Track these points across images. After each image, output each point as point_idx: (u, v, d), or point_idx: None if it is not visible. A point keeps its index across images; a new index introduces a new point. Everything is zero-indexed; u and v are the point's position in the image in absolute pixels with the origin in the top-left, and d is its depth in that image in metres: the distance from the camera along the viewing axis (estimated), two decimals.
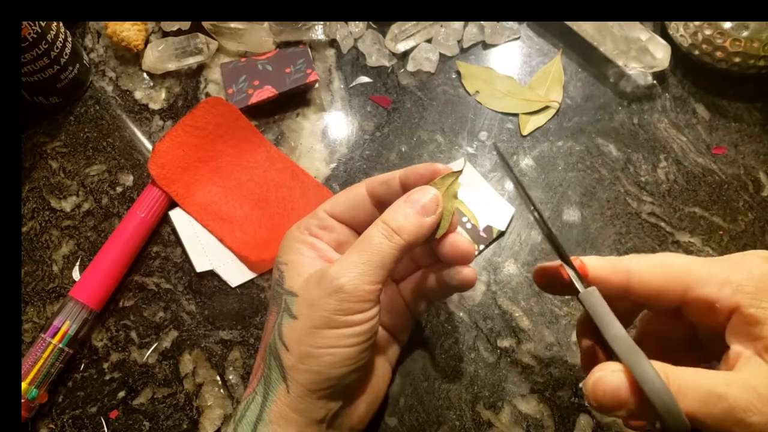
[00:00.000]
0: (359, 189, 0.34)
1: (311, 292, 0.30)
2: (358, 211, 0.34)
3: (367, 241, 0.30)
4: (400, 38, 0.48)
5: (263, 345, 0.32)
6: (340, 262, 0.30)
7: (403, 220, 0.30)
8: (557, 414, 0.37)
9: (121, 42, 0.47)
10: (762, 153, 0.46)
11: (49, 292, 0.41)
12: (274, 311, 0.32)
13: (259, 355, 0.33)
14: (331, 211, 0.34)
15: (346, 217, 0.34)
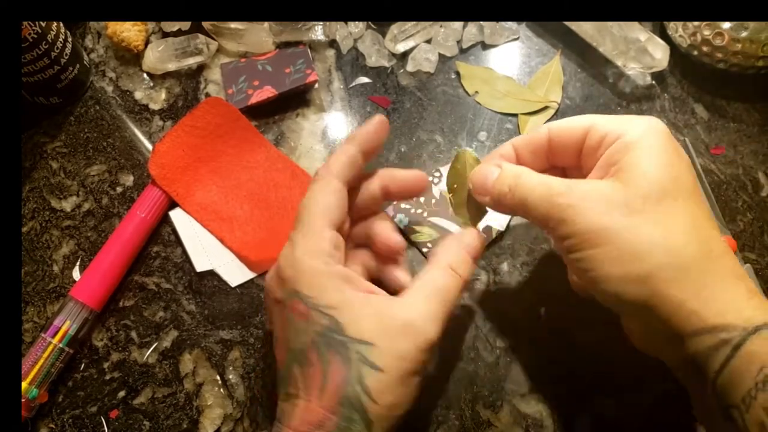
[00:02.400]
0: (339, 186, 0.33)
1: (398, 343, 0.29)
2: (345, 212, 0.34)
3: (444, 292, 0.31)
4: (399, 39, 0.48)
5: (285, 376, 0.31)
6: (420, 311, 0.30)
7: (465, 267, 0.33)
8: (557, 414, 0.38)
9: (121, 42, 0.47)
10: (761, 153, 0.46)
11: (49, 292, 0.41)
12: (336, 361, 0.29)
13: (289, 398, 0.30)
14: (334, 223, 0.32)
15: (340, 222, 0.33)
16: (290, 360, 0.30)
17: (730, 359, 0.25)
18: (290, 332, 0.30)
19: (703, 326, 0.26)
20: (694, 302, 0.26)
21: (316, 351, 0.29)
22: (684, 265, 0.27)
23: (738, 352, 0.25)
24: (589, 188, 0.29)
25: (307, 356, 0.30)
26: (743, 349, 0.25)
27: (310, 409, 0.29)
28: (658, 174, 0.28)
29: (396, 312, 0.30)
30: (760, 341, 0.25)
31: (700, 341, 0.26)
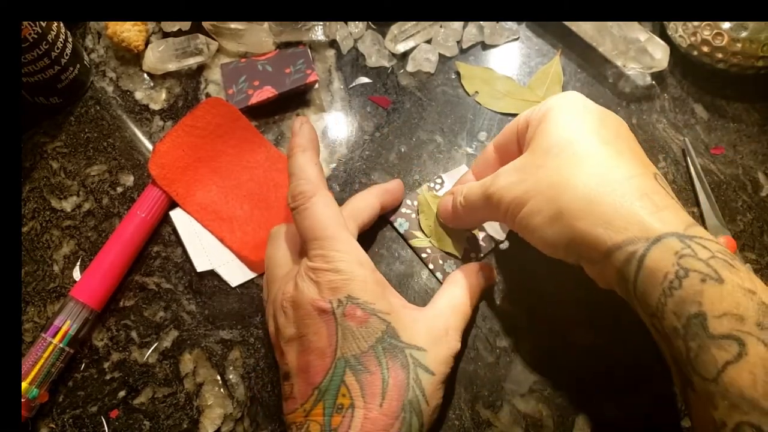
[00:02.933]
0: (375, 202, 0.39)
1: (440, 349, 0.32)
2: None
3: (466, 310, 0.36)
4: (399, 39, 0.48)
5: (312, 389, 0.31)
6: (449, 322, 0.34)
7: (479, 291, 0.38)
8: (556, 413, 0.38)
9: (121, 42, 0.47)
10: (760, 153, 0.46)
11: (49, 292, 0.41)
12: (395, 367, 0.30)
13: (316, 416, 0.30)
14: (342, 223, 0.34)
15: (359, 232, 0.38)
16: (341, 367, 0.30)
17: (639, 270, 0.27)
18: (342, 339, 0.30)
19: (612, 244, 0.28)
20: (601, 227, 0.28)
21: (374, 357, 0.30)
22: (587, 197, 0.28)
23: (644, 263, 0.26)
24: (505, 168, 0.33)
25: (362, 363, 0.30)
26: (647, 259, 0.26)
27: (371, 418, 0.29)
28: (557, 129, 0.31)
29: (436, 322, 0.33)
30: (660, 250, 0.26)
31: (615, 260, 0.28)
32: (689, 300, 0.25)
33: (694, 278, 0.25)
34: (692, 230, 0.27)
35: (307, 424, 0.30)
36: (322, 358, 0.31)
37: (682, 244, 0.26)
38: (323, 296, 0.31)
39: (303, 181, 0.34)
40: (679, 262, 0.26)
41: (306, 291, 0.31)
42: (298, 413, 0.31)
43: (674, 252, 0.26)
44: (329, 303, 0.31)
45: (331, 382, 0.30)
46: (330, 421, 0.29)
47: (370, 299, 0.31)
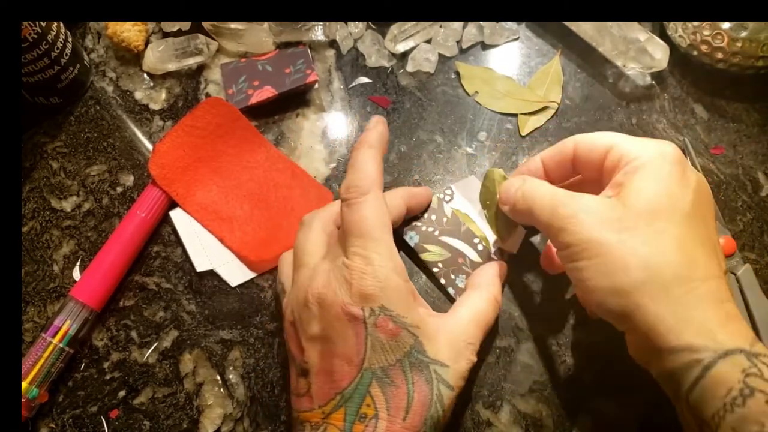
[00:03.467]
0: (402, 205, 0.39)
1: (461, 364, 0.32)
2: None
3: (487, 320, 0.35)
4: (399, 39, 0.48)
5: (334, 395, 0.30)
6: (470, 335, 0.33)
7: (499, 296, 0.37)
8: (556, 413, 0.38)
9: (121, 42, 0.47)
10: (760, 153, 0.46)
11: (49, 292, 0.41)
12: (420, 382, 0.30)
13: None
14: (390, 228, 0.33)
15: None
16: (367, 378, 0.30)
17: (700, 379, 0.27)
18: (370, 350, 0.30)
19: (677, 344, 0.28)
20: (671, 319, 0.28)
21: (401, 371, 0.30)
22: (665, 284, 0.28)
23: (708, 373, 0.27)
24: (589, 202, 0.31)
25: (390, 376, 0.30)
26: (713, 370, 0.27)
27: (394, 430, 0.29)
28: (654, 196, 0.30)
29: (459, 335, 0.33)
30: (728, 364, 0.26)
31: (675, 358, 0.28)
32: (752, 419, 0.25)
33: (760, 398, 0.26)
34: (757, 347, 0.27)
35: (324, 426, 0.30)
36: (348, 364, 0.30)
37: (749, 362, 0.27)
38: (355, 301, 0.30)
39: (361, 175, 0.33)
40: (745, 380, 0.26)
41: (338, 292, 0.31)
42: (315, 413, 0.31)
43: (741, 369, 0.26)
44: (361, 311, 0.30)
45: (356, 391, 0.30)
46: (351, 429, 0.30)
47: (402, 312, 0.31)
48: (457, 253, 0.41)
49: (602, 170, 0.34)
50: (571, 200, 0.32)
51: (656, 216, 0.30)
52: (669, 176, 0.31)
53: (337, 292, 0.31)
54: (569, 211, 0.31)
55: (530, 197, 0.34)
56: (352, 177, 0.33)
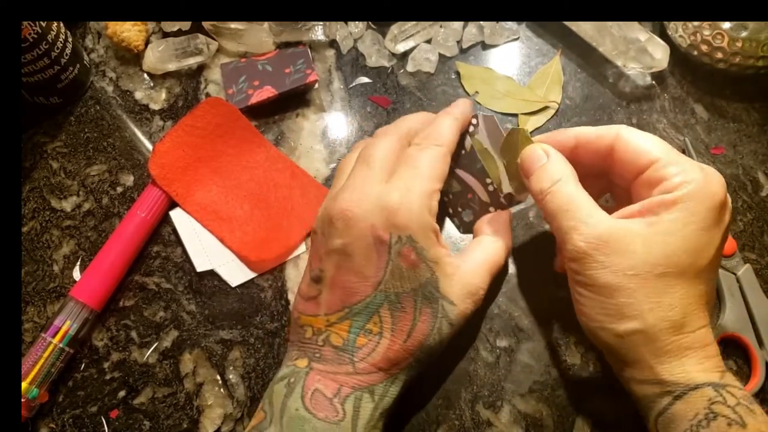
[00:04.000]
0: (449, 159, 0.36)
1: (467, 304, 0.34)
2: None
3: (497, 266, 0.36)
4: (399, 39, 0.48)
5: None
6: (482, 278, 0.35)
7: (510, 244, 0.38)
8: (556, 413, 0.38)
9: (121, 42, 0.47)
10: (760, 153, 0.46)
11: (49, 292, 0.41)
12: (426, 313, 0.32)
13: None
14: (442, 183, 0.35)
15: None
16: (380, 299, 0.32)
17: (670, 406, 0.30)
18: (389, 275, 0.32)
19: (653, 378, 0.31)
20: (651, 360, 0.30)
21: (413, 300, 0.32)
22: (654, 335, 0.30)
23: (677, 401, 0.30)
24: (610, 237, 0.31)
25: (401, 302, 0.32)
26: (682, 400, 0.30)
27: (393, 349, 0.32)
28: (675, 250, 0.30)
29: (472, 279, 0.34)
30: (697, 395, 0.29)
31: (649, 387, 0.31)
32: None
33: (722, 422, 0.28)
34: (725, 379, 0.30)
35: (328, 333, 0.33)
36: (363, 283, 0.32)
37: (716, 392, 0.29)
38: (386, 226, 0.32)
39: (440, 132, 0.36)
40: (710, 407, 0.29)
41: (369, 214, 0.32)
42: (319, 319, 0.33)
43: (708, 398, 0.29)
44: (389, 236, 0.32)
45: (367, 308, 0.32)
46: (355, 340, 0.32)
47: (426, 245, 0.32)
48: (467, 188, 0.40)
49: (637, 177, 0.33)
50: (592, 229, 0.31)
51: (669, 270, 0.30)
52: (701, 225, 0.30)
53: (367, 213, 0.32)
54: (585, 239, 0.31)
55: (552, 202, 0.33)
56: (432, 130, 0.36)
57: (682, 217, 0.30)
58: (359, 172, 0.34)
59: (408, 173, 0.33)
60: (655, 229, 0.30)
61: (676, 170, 0.31)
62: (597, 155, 0.35)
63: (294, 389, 0.31)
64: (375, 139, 0.37)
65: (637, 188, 0.33)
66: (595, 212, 0.32)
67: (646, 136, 0.33)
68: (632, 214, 0.32)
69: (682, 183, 0.31)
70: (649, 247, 0.30)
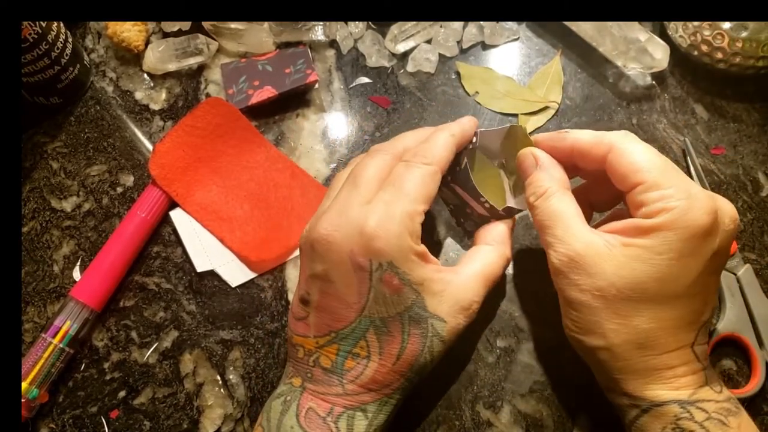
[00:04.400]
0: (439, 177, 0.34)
1: (459, 319, 0.33)
2: None
3: (493, 277, 0.35)
4: (399, 39, 0.48)
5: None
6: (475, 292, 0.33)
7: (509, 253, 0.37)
8: (556, 414, 0.38)
9: (121, 42, 0.47)
10: (761, 153, 0.46)
11: (49, 292, 0.41)
12: (416, 335, 0.32)
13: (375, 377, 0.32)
14: (427, 204, 0.33)
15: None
16: (365, 324, 0.32)
17: (638, 418, 0.31)
18: (372, 301, 0.31)
19: (622, 392, 0.32)
20: (618, 377, 0.32)
21: (400, 324, 0.32)
22: (620, 356, 0.31)
23: (645, 414, 0.31)
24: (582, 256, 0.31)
25: (388, 326, 0.32)
26: (649, 413, 0.31)
27: (382, 372, 0.32)
28: (647, 279, 0.30)
29: (463, 293, 0.33)
30: (662, 411, 0.30)
31: (618, 398, 0.32)
32: None
33: None
34: (697, 395, 0.30)
35: (317, 354, 0.32)
36: (347, 309, 0.32)
37: (681, 409, 0.30)
38: (364, 252, 0.31)
39: (432, 151, 0.34)
40: (677, 422, 0.30)
41: (348, 240, 0.31)
42: (309, 341, 0.33)
43: (673, 415, 0.30)
44: (369, 263, 0.31)
45: (353, 333, 0.32)
46: (343, 363, 0.32)
47: (408, 269, 0.31)
48: (464, 203, 0.39)
49: (628, 192, 0.32)
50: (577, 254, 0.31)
51: (636, 295, 0.30)
52: (673, 255, 0.30)
53: (346, 238, 0.31)
54: (569, 257, 0.31)
55: (541, 215, 0.33)
56: (424, 147, 0.34)
57: (654, 245, 0.30)
58: (344, 192, 0.33)
59: (390, 194, 0.32)
60: (627, 252, 0.30)
61: (658, 196, 0.30)
62: (594, 163, 0.34)
63: (290, 407, 0.32)
64: (367, 156, 0.35)
65: (628, 204, 0.33)
66: (573, 228, 0.32)
67: (639, 151, 0.32)
68: (614, 229, 0.32)
69: (660, 210, 0.30)
70: (619, 270, 0.30)
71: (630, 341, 0.31)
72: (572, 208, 0.33)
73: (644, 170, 0.31)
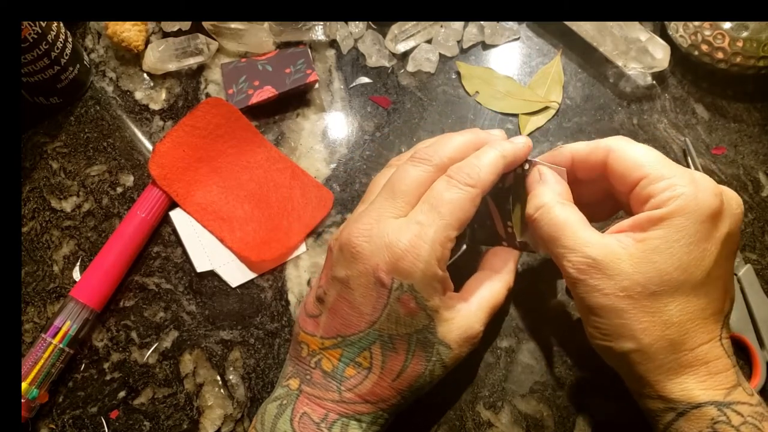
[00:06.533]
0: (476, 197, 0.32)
1: (464, 348, 0.33)
2: None
3: (497, 306, 0.35)
4: (400, 39, 0.48)
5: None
6: (480, 320, 0.34)
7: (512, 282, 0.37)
8: (557, 414, 0.38)
9: (121, 42, 0.47)
10: (761, 153, 0.46)
11: (49, 292, 0.41)
12: (420, 356, 0.32)
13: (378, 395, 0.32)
14: (461, 229, 0.33)
15: None
16: (373, 337, 0.32)
17: (673, 422, 0.31)
18: (385, 317, 0.31)
19: (657, 395, 0.31)
20: (652, 377, 0.31)
21: (407, 344, 0.32)
22: (652, 354, 0.30)
23: (681, 418, 0.30)
24: (598, 260, 0.30)
25: (394, 344, 0.32)
26: (686, 416, 0.30)
27: (381, 386, 0.32)
28: (665, 268, 0.30)
29: (471, 323, 0.34)
30: (699, 413, 0.30)
31: (653, 403, 0.31)
32: None
33: None
34: (732, 396, 0.30)
35: (320, 356, 0.33)
36: (359, 318, 0.32)
37: (719, 412, 0.29)
38: (389, 269, 0.31)
39: (480, 171, 0.33)
40: (714, 427, 0.29)
41: (376, 253, 0.31)
42: (315, 340, 0.33)
43: (710, 418, 0.29)
44: (391, 281, 0.31)
45: (359, 342, 0.32)
46: (344, 369, 0.32)
47: (427, 295, 0.32)
48: (488, 215, 0.38)
49: (631, 191, 0.32)
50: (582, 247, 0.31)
51: (662, 288, 0.30)
52: (690, 240, 0.30)
53: (374, 251, 0.31)
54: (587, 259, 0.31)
55: (545, 231, 0.33)
56: (471, 164, 0.33)
57: (669, 233, 0.30)
58: (381, 201, 0.33)
59: (426, 215, 0.31)
60: (643, 246, 0.30)
61: (665, 185, 0.31)
62: (594, 171, 0.34)
63: (285, 411, 0.32)
64: (410, 162, 0.34)
65: (632, 203, 0.33)
66: (582, 234, 0.31)
67: (638, 148, 0.32)
68: (622, 229, 0.32)
69: (669, 198, 0.30)
70: (638, 266, 0.30)
71: (662, 338, 0.30)
72: (576, 216, 0.32)
73: (646, 164, 0.32)
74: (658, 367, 0.30)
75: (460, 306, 0.34)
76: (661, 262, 0.30)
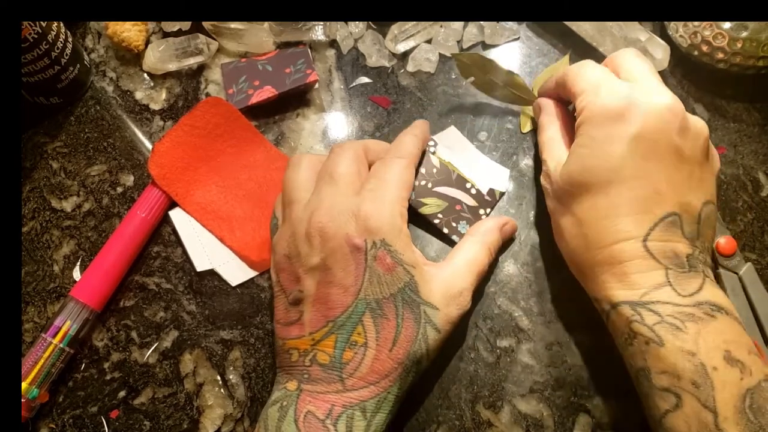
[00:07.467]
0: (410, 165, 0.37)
1: (451, 309, 0.34)
2: None
3: (481, 267, 0.37)
4: (400, 39, 0.48)
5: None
6: (466, 281, 0.35)
7: (497, 247, 0.40)
8: (557, 414, 0.38)
9: (121, 42, 0.47)
10: (761, 153, 0.46)
11: (49, 292, 0.41)
12: (409, 319, 0.32)
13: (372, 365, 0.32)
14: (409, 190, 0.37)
15: None
16: (361, 308, 0.32)
17: (607, 319, 0.34)
18: (367, 282, 0.32)
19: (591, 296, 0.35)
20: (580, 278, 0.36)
21: (394, 305, 0.32)
22: (574, 254, 0.35)
23: (609, 318, 0.34)
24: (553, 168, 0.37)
25: (383, 308, 0.32)
26: (611, 316, 0.33)
27: (380, 360, 0.32)
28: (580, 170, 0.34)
29: (453, 281, 0.35)
30: (617, 314, 0.33)
31: (596, 306, 0.35)
32: (638, 356, 0.32)
33: (640, 340, 0.31)
34: (650, 296, 0.32)
35: (314, 353, 0.32)
36: (344, 294, 0.32)
37: (632, 311, 0.32)
38: (359, 233, 0.32)
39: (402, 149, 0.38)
40: (630, 326, 0.32)
41: (342, 224, 0.33)
42: (304, 340, 0.33)
43: (626, 317, 0.32)
44: (364, 242, 0.32)
45: (349, 319, 0.32)
46: (341, 355, 0.32)
47: (400, 248, 0.33)
48: (453, 201, 0.42)
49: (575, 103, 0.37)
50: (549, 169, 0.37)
51: (573, 190, 0.34)
52: (594, 143, 0.34)
53: (341, 225, 0.33)
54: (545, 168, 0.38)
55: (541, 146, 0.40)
56: (393, 146, 0.38)
57: (578, 140, 0.35)
58: (325, 188, 0.35)
59: (375, 185, 0.35)
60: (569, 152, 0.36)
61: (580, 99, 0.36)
62: (566, 91, 0.38)
63: (287, 413, 0.31)
64: (334, 156, 0.37)
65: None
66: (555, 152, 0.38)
67: (580, 68, 0.37)
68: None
69: (581, 110, 0.35)
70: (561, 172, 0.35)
71: (578, 235, 0.34)
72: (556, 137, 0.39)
73: (576, 83, 0.36)
74: (578, 266, 0.35)
75: (440, 265, 0.36)
76: (570, 165, 0.35)
